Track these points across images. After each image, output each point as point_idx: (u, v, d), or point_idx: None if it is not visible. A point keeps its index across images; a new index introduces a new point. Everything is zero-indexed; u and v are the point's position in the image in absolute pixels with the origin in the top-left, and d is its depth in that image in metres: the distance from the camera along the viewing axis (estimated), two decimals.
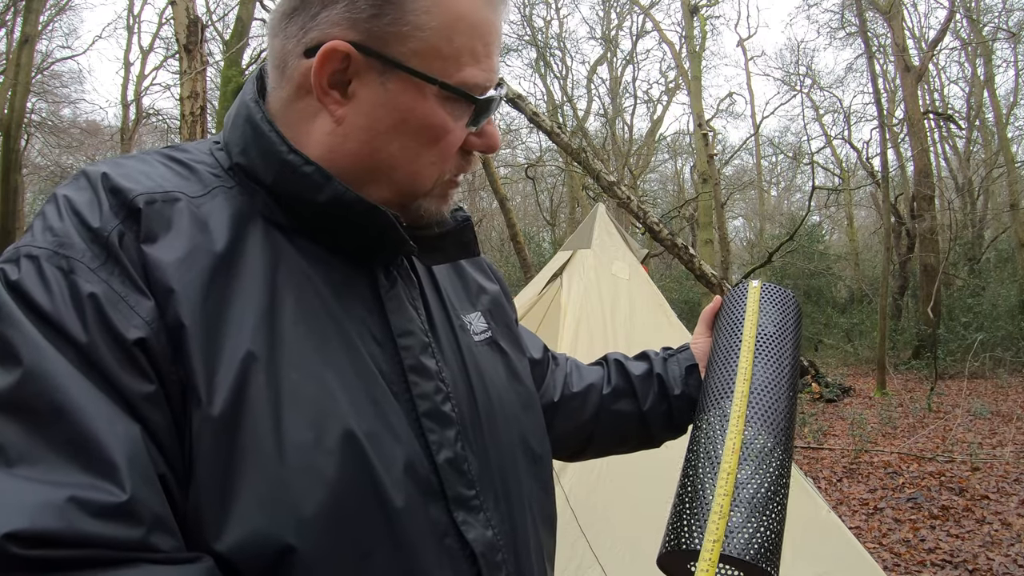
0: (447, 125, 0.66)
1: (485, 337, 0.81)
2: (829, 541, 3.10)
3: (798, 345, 0.94)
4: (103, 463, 0.50)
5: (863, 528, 4.76)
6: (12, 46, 12.74)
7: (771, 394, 0.83)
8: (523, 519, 0.74)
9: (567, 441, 0.99)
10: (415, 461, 0.63)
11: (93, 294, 0.54)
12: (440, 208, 0.72)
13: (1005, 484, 5.71)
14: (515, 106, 12.00)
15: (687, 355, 1.02)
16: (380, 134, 0.65)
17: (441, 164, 0.68)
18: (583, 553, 2.66)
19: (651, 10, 22.47)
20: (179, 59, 6.21)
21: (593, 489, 2.81)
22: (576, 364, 1.05)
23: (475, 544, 0.65)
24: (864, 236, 26.01)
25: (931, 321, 13.90)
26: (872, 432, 8.21)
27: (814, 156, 24.07)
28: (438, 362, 0.70)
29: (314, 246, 0.66)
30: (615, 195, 11.76)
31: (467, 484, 0.67)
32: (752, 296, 0.97)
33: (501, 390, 0.77)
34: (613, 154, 23.65)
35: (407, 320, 0.69)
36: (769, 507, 0.71)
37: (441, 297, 0.78)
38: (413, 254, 0.71)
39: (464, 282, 0.86)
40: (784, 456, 0.78)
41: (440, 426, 0.66)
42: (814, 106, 25.33)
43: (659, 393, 0.99)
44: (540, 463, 0.82)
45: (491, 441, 0.72)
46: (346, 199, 0.64)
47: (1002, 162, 17.64)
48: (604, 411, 1.00)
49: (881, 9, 16.04)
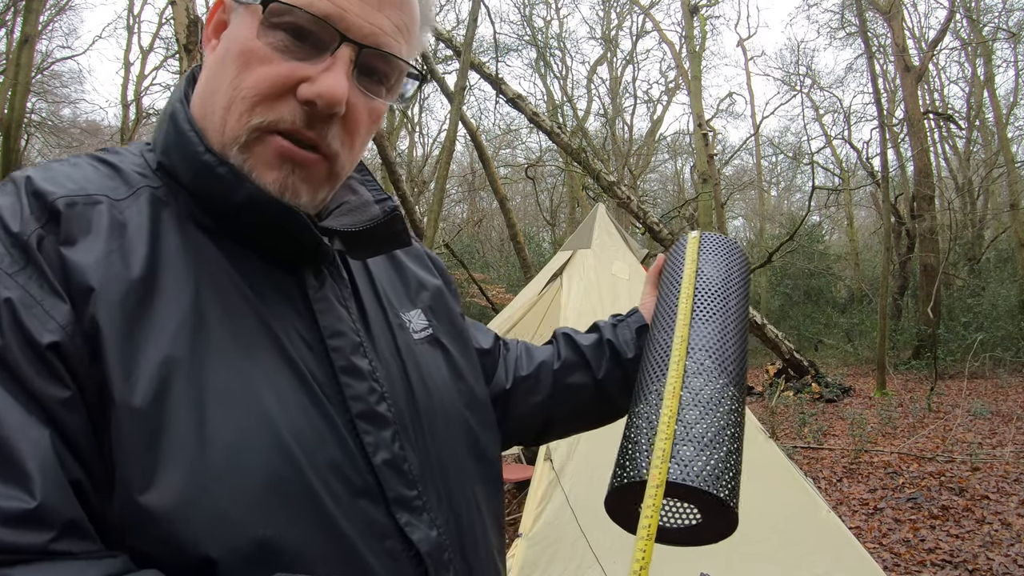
0: (260, 51, 0.63)
1: (426, 335, 0.79)
2: (829, 541, 3.10)
3: (745, 290, 0.91)
4: (14, 470, 0.49)
5: (863, 528, 4.75)
6: (12, 46, 12.74)
7: (715, 337, 0.80)
8: (469, 517, 0.73)
9: (527, 424, 0.98)
10: (347, 463, 0.62)
11: (8, 299, 0.53)
12: (264, 176, 0.64)
13: (1005, 484, 5.71)
14: (515, 106, 12.01)
15: (636, 317, 1.00)
16: (218, 68, 0.66)
17: (253, 96, 0.63)
18: (583, 553, 2.66)
19: (651, 10, 22.49)
20: (179, 59, 6.21)
21: (593, 489, 2.81)
22: (527, 346, 1.03)
23: (420, 544, 0.64)
24: (864, 236, 26.01)
25: (931, 321, 13.90)
26: (872, 432, 8.21)
27: (814, 156, 24.10)
28: (371, 362, 0.68)
29: (239, 248, 0.65)
30: (615, 195, 11.77)
31: (408, 484, 0.66)
32: (691, 247, 0.95)
33: (442, 388, 0.76)
34: (613, 154, 23.65)
35: (337, 320, 0.68)
36: (719, 443, 0.69)
37: (377, 295, 0.76)
38: (329, 255, 0.69)
39: (403, 278, 0.83)
40: (735, 399, 0.75)
41: (376, 427, 0.65)
42: (814, 106, 25.37)
43: (612, 360, 0.97)
44: (486, 460, 0.80)
45: (432, 440, 0.71)
46: (260, 200, 0.63)
47: (1002, 162, 17.63)
48: (559, 387, 0.97)
49: (881, 9, 16.04)
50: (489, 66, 12.04)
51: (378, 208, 0.75)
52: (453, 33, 12.28)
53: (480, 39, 15.80)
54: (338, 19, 0.63)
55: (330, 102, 0.62)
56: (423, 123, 31.66)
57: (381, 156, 11.29)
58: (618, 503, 0.71)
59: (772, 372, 13.43)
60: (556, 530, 2.70)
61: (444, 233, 18.71)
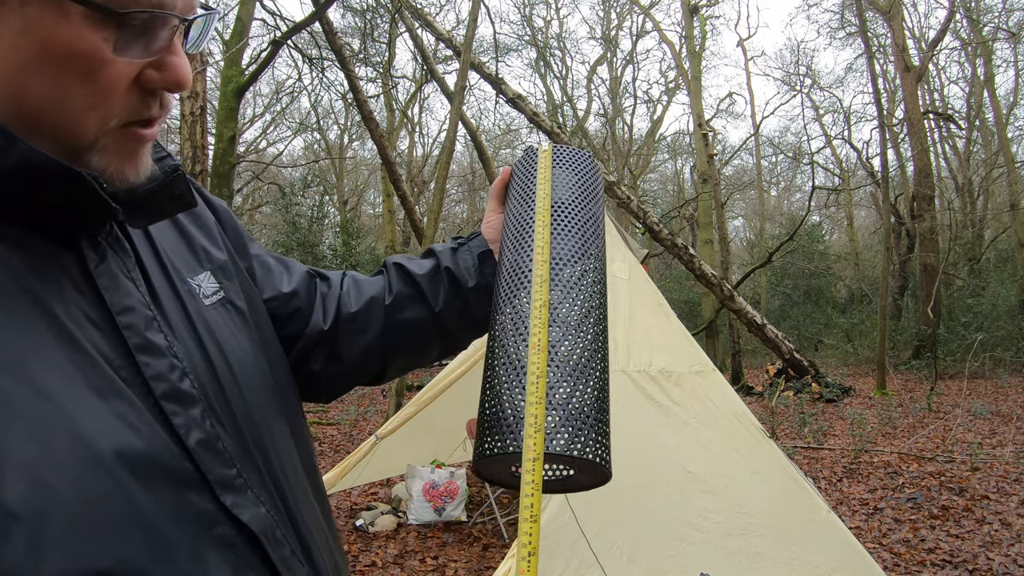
0: (100, 53, 0.55)
1: (217, 298, 0.73)
2: (829, 541, 3.10)
3: (600, 208, 0.84)
4: None
5: (863, 528, 4.76)
6: None
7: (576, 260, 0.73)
8: (291, 489, 0.69)
9: (362, 365, 0.90)
10: (162, 451, 0.56)
11: None
12: (123, 169, 0.60)
13: (1005, 484, 5.72)
14: (515, 106, 12.01)
15: (479, 241, 0.92)
16: (22, 70, 0.54)
17: (102, 105, 0.56)
18: (583, 553, 2.66)
19: (651, 10, 22.48)
20: None
21: (593, 490, 2.81)
22: (355, 280, 0.94)
23: (252, 524, 0.60)
24: (864, 236, 26.02)
25: (931, 321, 13.90)
26: (872, 432, 8.22)
27: (814, 156, 24.08)
28: (167, 336, 0.62)
29: (8, 227, 0.56)
30: (615, 195, 11.76)
31: (226, 463, 0.60)
32: (543, 161, 0.85)
33: (241, 354, 0.70)
34: (613, 154, 23.65)
35: (125, 295, 0.61)
36: (590, 406, 0.65)
37: (162, 263, 0.69)
38: (117, 218, 0.61)
39: (188, 240, 0.76)
40: (602, 349, 0.70)
41: (183, 406, 0.59)
42: (814, 106, 25.37)
43: (451, 289, 0.89)
44: (296, 422, 0.76)
45: (240, 412, 0.66)
46: (34, 161, 0.54)
47: (1002, 162, 17.64)
48: (391, 324, 0.89)
49: (881, 9, 16.04)
50: (489, 66, 12.03)
51: (158, 168, 0.66)
52: (453, 33, 12.28)
53: (480, 39, 15.81)
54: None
55: (181, 88, 0.61)
56: (423, 123, 31.70)
57: (381, 156, 11.29)
58: (488, 466, 0.69)
59: (772, 372, 13.44)
60: (556, 530, 2.70)
61: (444, 233, 18.71)
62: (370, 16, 12.37)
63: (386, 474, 5.67)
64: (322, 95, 21.24)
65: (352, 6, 13.01)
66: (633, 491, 2.88)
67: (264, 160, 20.97)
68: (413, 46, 12.94)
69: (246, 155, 19.93)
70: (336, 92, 17.50)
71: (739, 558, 2.85)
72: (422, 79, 17.58)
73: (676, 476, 3.02)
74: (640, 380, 3.23)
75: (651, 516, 2.88)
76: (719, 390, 3.52)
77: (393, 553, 4.36)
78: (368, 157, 26.57)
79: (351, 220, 20.83)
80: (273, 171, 21.93)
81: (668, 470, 3.03)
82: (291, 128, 23.94)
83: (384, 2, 11.61)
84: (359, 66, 13.05)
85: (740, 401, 3.56)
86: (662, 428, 3.15)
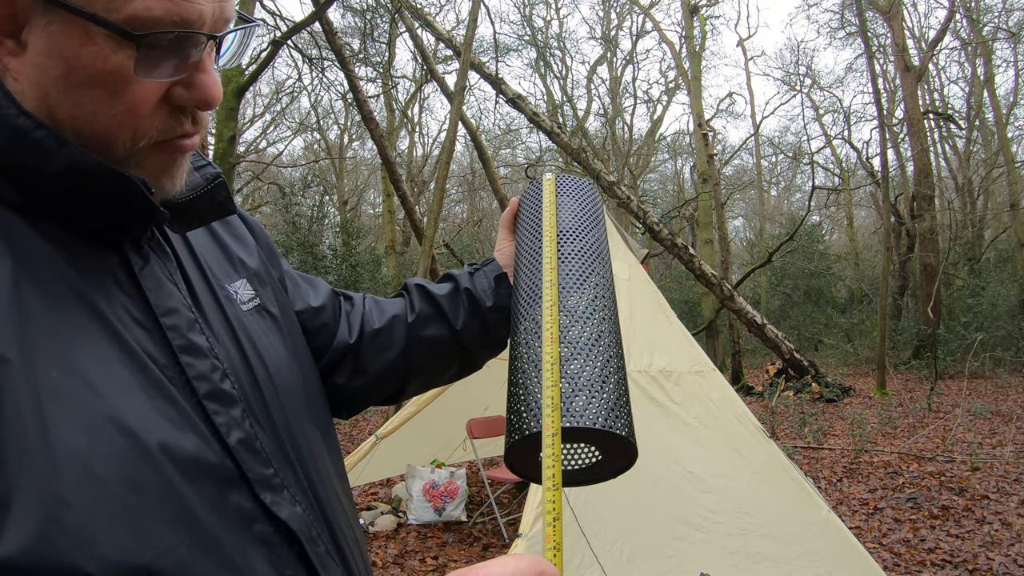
0: (124, 72, 0.56)
1: (253, 305, 0.75)
2: (829, 541, 3.10)
3: (603, 231, 0.91)
4: None
5: (863, 528, 4.76)
6: None
7: (584, 280, 0.81)
8: (324, 490, 0.71)
9: (384, 381, 0.93)
10: (205, 449, 0.57)
11: None
12: (160, 181, 0.62)
13: (1005, 484, 5.72)
14: (515, 106, 12.01)
15: (493, 266, 0.97)
16: (51, 88, 0.56)
17: (131, 122, 0.58)
18: (583, 553, 2.66)
19: (651, 10, 22.48)
20: None
21: (593, 489, 2.81)
22: (376, 300, 0.98)
23: (290, 522, 0.62)
24: (864, 236, 26.02)
25: (931, 321, 13.91)
26: (872, 432, 8.22)
27: (814, 156, 24.09)
28: (208, 338, 0.64)
29: (51, 226, 0.58)
30: (615, 195, 11.76)
31: (264, 463, 0.63)
32: (548, 189, 0.93)
33: (277, 359, 0.73)
34: (613, 154, 23.64)
35: (168, 297, 0.63)
36: (605, 383, 0.70)
37: (201, 268, 0.72)
38: (164, 222, 0.64)
39: (223, 248, 0.78)
40: (612, 338, 0.75)
41: (224, 406, 0.62)
42: (814, 106, 25.37)
43: (470, 309, 0.94)
44: (328, 429, 0.78)
45: (277, 414, 0.68)
46: (85, 166, 0.56)
47: (1002, 162, 17.64)
48: (414, 341, 0.93)
49: (881, 9, 16.04)
50: (489, 66, 12.03)
51: (199, 176, 0.69)
52: (453, 33, 12.29)
53: (480, 39, 15.79)
54: (183, 17, 0.59)
55: (210, 106, 0.63)
56: (423, 123, 31.71)
57: (381, 156, 11.29)
58: (519, 459, 0.71)
59: (772, 372, 13.44)
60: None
61: (444, 233, 18.71)
62: (370, 16, 12.35)
63: (386, 474, 5.67)
64: (322, 95, 21.22)
65: (352, 6, 12.99)
66: (633, 491, 2.88)
67: (264, 160, 20.98)
68: (413, 46, 12.95)
69: (246, 155, 19.91)
70: (336, 92, 17.49)
71: (739, 558, 2.85)
72: (422, 79, 17.58)
73: (676, 476, 3.02)
74: (640, 380, 3.23)
75: (651, 516, 2.88)
76: (719, 390, 3.52)
77: (393, 553, 4.36)
78: (368, 157, 26.56)
79: (351, 220, 20.82)
80: (273, 171, 21.93)
81: (668, 470, 3.03)
82: (291, 128, 23.92)
83: (384, 2, 11.60)
84: (359, 66, 13.05)
85: (740, 401, 3.56)
86: (662, 428, 3.15)
